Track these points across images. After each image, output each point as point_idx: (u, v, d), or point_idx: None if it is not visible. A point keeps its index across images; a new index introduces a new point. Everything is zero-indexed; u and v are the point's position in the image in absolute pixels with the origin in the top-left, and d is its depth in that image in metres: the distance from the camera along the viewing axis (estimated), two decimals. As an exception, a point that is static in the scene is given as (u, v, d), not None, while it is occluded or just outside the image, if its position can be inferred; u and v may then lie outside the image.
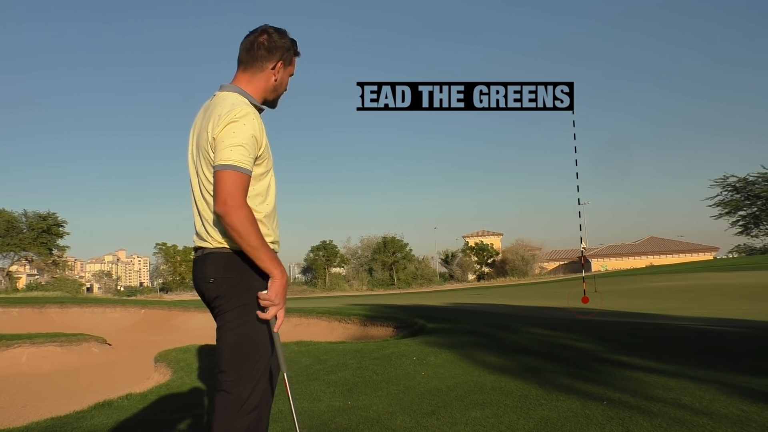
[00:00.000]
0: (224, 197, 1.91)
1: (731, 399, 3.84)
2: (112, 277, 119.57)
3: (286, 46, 2.22)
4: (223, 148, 1.95)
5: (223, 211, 1.92)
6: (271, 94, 2.26)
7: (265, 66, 2.18)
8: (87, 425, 4.36)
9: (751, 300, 17.07)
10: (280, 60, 2.20)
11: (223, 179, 1.93)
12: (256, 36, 2.19)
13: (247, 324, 2.03)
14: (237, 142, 1.96)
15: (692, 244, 78.02)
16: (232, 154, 1.94)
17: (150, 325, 18.18)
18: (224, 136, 1.97)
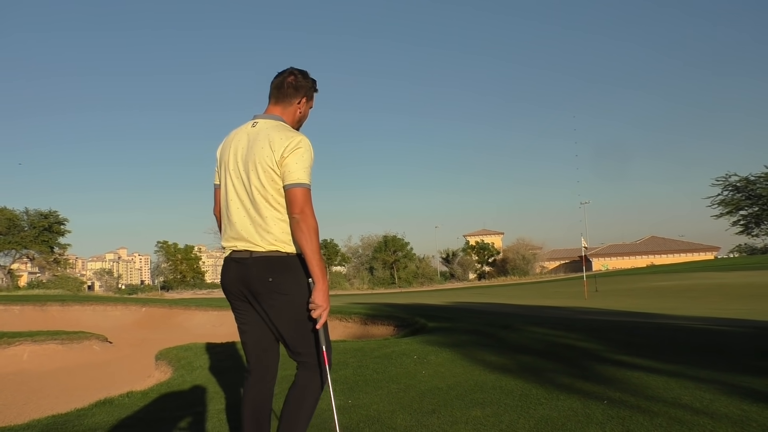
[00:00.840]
0: (301, 206, 2.38)
1: (732, 399, 3.85)
2: (114, 275, 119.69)
3: (309, 85, 2.71)
4: (296, 169, 2.41)
5: (300, 217, 2.37)
6: (296, 124, 2.72)
7: (293, 101, 2.66)
8: (88, 423, 4.37)
9: (752, 300, 17.06)
10: (304, 96, 2.69)
11: (300, 194, 2.39)
12: (285, 77, 2.66)
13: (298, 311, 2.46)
14: (306, 165, 2.44)
15: (693, 243, 77.98)
16: (304, 175, 2.42)
17: (151, 323, 18.20)
18: (296, 159, 2.42)
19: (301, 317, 2.47)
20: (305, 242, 2.37)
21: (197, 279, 78.09)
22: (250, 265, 2.48)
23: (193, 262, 79.45)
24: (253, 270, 2.47)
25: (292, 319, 2.49)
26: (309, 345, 2.51)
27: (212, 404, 4.76)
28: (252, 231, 2.49)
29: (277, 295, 2.45)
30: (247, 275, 2.49)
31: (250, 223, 2.50)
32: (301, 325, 2.49)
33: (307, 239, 2.37)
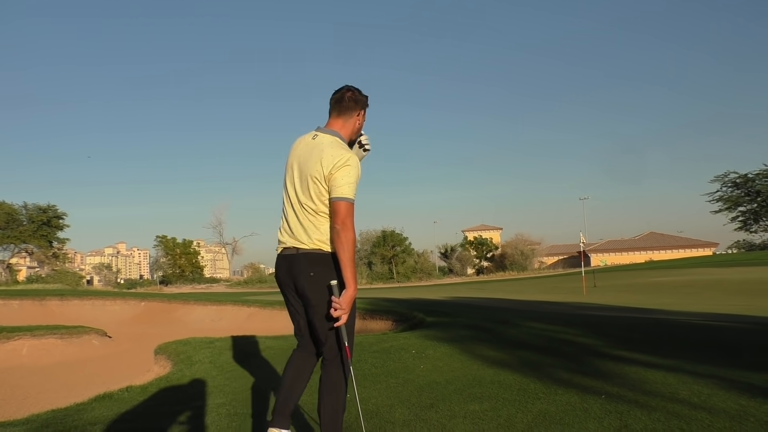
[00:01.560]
0: (343, 219, 2.71)
1: (729, 394, 3.86)
2: (112, 270, 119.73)
3: (364, 99, 3.01)
4: (342, 184, 2.72)
5: (341, 228, 2.71)
6: (355, 136, 3.04)
7: (353, 114, 2.96)
8: (87, 417, 4.38)
9: (750, 295, 17.10)
10: (362, 109, 3.00)
11: (343, 207, 2.72)
12: (344, 92, 2.95)
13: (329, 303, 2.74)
14: (351, 181, 2.74)
15: (692, 239, 78.05)
16: (348, 190, 2.73)
17: (150, 318, 18.20)
18: (342, 175, 2.73)
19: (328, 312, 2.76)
20: (342, 251, 2.70)
21: (196, 273, 78.13)
22: (296, 259, 2.85)
23: (192, 256, 79.49)
24: (298, 264, 2.85)
25: (322, 312, 2.80)
26: (331, 339, 2.84)
27: (211, 398, 4.77)
28: (300, 231, 2.86)
29: (315, 286, 2.80)
30: (293, 269, 2.87)
31: (299, 224, 2.86)
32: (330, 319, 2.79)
33: (344, 248, 2.70)
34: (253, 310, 16.34)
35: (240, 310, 16.72)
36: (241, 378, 5.58)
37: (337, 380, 2.84)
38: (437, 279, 55.71)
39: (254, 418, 3.99)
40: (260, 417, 4.00)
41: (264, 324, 14.19)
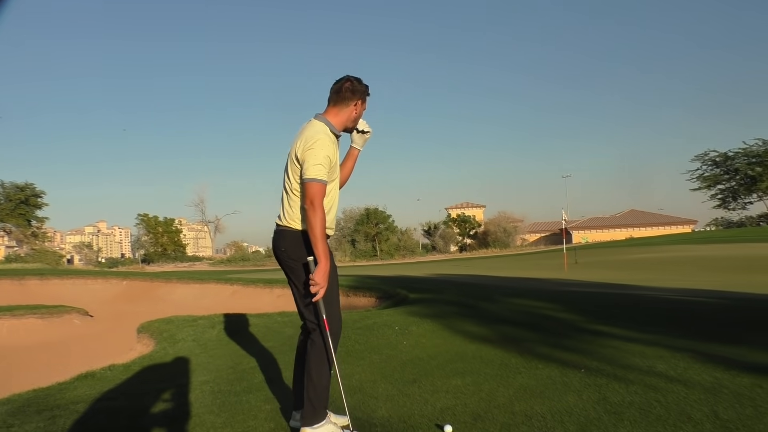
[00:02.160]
0: (311, 198, 2.86)
1: (705, 367, 3.95)
2: (93, 249, 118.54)
3: (363, 89, 3.11)
4: (309, 166, 2.88)
5: (308, 209, 2.86)
6: (352, 124, 3.16)
7: (349, 104, 3.08)
8: (70, 396, 4.37)
9: (727, 272, 17.43)
10: (360, 99, 3.10)
11: (309, 187, 2.87)
12: (342, 83, 3.07)
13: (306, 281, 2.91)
14: (318, 162, 2.88)
15: (671, 217, 79.08)
16: (315, 171, 2.87)
17: (132, 297, 18.08)
18: (309, 156, 2.89)
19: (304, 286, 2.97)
20: (310, 229, 2.87)
21: (178, 252, 77.56)
22: (276, 236, 3.11)
23: (174, 235, 78.83)
24: (276, 240, 3.10)
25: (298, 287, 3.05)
26: (310, 312, 3.01)
27: (195, 376, 4.77)
28: (282, 209, 3.09)
29: (289, 262, 3.04)
30: (274, 245, 3.12)
31: (281, 203, 3.09)
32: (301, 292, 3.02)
33: (311, 227, 2.86)
34: (237, 288, 16.29)
35: (223, 289, 16.66)
36: (225, 356, 5.59)
37: (320, 352, 2.98)
38: (420, 256, 55.93)
39: (238, 395, 4.01)
40: (244, 394, 4.02)
41: (247, 302, 14.17)
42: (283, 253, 3.06)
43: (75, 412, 3.78)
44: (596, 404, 3.26)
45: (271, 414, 3.48)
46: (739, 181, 60.54)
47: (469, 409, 3.33)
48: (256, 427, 3.22)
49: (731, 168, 60.75)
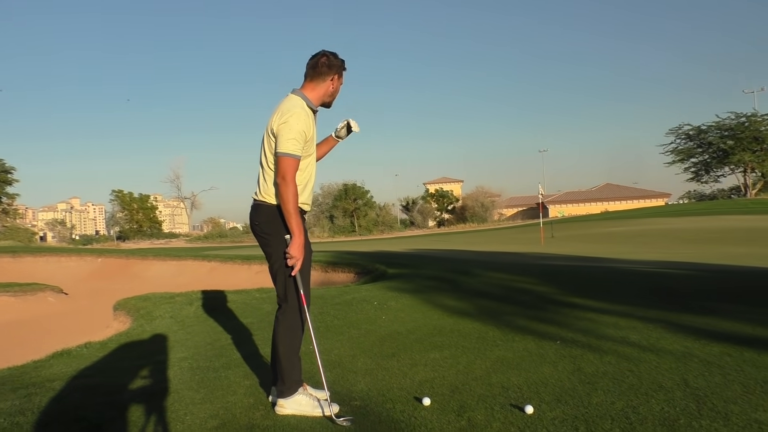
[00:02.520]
0: (282, 173, 2.87)
1: (676, 336, 4.05)
2: (67, 226, 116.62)
3: (339, 63, 3.09)
4: (282, 140, 2.87)
5: (280, 183, 2.87)
6: (329, 98, 3.14)
7: (326, 78, 3.06)
8: (45, 374, 4.32)
9: (699, 244, 17.79)
10: (336, 73, 3.09)
11: (281, 162, 2.87)
12: (318, 57, 3.06)
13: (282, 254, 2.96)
14: (291, 136, 2.87)
15: (646, 190, 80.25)
16: (288, 145, 2.86)
17: (107, 274, 17.89)
18: (283, 130, 2.88)
19: (276, 260, 3.02)
20: (283, 204, 2.89)
21: (154, 229, 76.78)
22: (251, 210, 3.12)
23: (149, 211, 77.93)
24: (251, 215, 3.11)
25: (271, 261, 3.06)
26: (281, 287, 3.05)
27: (173, 353, 4.75)
28: (258, 184, 3.09)
29: (262, 237, 3.05)
30: (251, 218, 3.12)
31: (257, 178, 3.10)
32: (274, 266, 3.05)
33: (284, 201, 2.88)
34: (214, 264, 16.21)
35: (201, 265, 16.56)
36: (203, 332, 5.57)
37: (290, 323, 3.04)
38: (399, 231, 56.08)
39: (217, 371, 4.00)
40: (223, 370, 4.02)
41: (225, 278, 14.12)
42: (257, 227, 3.07)
43: (51, 389, 3.74)
44: (571, 375, 3.33)
45: (250, 389, 3.49)
46: (711, 154, 61.47)
47: (447, 381, 3.38)
48: (235, 403, 3.23)
49: (704, 141, 61.62)
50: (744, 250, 14.39)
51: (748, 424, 2.47)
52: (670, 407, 2.72)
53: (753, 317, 4.55)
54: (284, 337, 3.03)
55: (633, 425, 2.54)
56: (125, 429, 2.96)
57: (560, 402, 2.89)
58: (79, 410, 3.22)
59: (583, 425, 2.58)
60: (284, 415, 2.98)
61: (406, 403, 3.03)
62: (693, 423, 2.52)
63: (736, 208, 39.95)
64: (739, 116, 58.35)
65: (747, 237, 19.55)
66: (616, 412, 2.71)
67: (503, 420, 2.71)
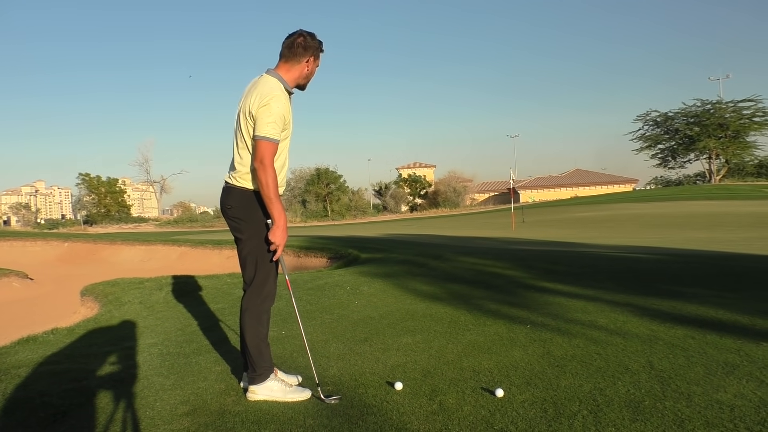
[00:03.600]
0: (260, 158, 2.79)
1: (642, 320, 4.15)
2: (31, 210, 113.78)
3: (316, 45, 3.00)
4: (261, 124, 2.80)
5: (258, 168, 2.80)
6: (303, 80, 3.05)
7: (301, 60, 2.97)
8: (11, 361, 4.23)
9: (665, 228, 18.20)
10: (312, 55, 3.00)
11: (260, 146, 2.80)
12: (295, 38, 2.96)
13: (255, 239, 2.96)
14: (270, 120, 2.80)
15: (614, 176, 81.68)
16: (267, 129, 2.80)
17: (74, 259, 17.56)
18: (262, 113, 2.80)
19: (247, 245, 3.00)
20: (262, 189, 2.83)
21: (123, 213, 75.45)
22: (224, 193, 3.05)
23: (117, 195, 76.51)
24: (223, 198, 3.04)
25: (242, 248, 3.03)
26: (249, 273, 3.03)
27: (142, 339, 4.70)
28: (231, 166, 3.01)
29: (234, 221, 3.01)
30: (222, 202, 3.06)
31: (232, 160, 3.01)
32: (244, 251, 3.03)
33: (263, 186, 2.82)
34: (184, 249, 16.02)
35: (170, 250, 16.35)
36: (173, 318, 5.51)
37: (256, 310, 3.02)
38: (372, 216, 56.11)
39: (187, 357, 3.97)
40: (193, 356, 3.98)
41: (196, 263, 13.97)
42: (229, 211, 3.01)
43: (17, 376, 3.67)
44: (541, 358, 3.38)
45: (221, 375, 3.47)
46: (678, 140, 62.74)
47: (419, 366, 3.40)
48: (206, 389, 3.20)
49: (671, 128, 62.83)
50: (707, 235, 14.77)
51: (710, 405, 2.54)
52: (636, 389, 2.78)
53: (716, 301, 4.67)
54: (251, 324, 3.01)
55: (600, 407, 2.59)
56: (93, 415, 2.92)
57: (530, 385, 2.94)
58: (45, 397, 3.16)
59: (551, 407, 2.63)
60: (255, 400, 2.97)
61: (378, 388, 3.05)
62: (657, 404, 2.58)
63: (701, 193, 40.93)
64: (704, 103, 59.63)
65: (710, 222, 20.06)
66: (584, 394, 2.76)
67: (474, 403, 2.74)
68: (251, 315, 3.01)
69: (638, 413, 2.50)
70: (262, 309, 3.03)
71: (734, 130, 57.18)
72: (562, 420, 2.48)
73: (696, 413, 2.46)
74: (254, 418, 2.73)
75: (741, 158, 60.42)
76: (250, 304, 3.02)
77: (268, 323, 3.10)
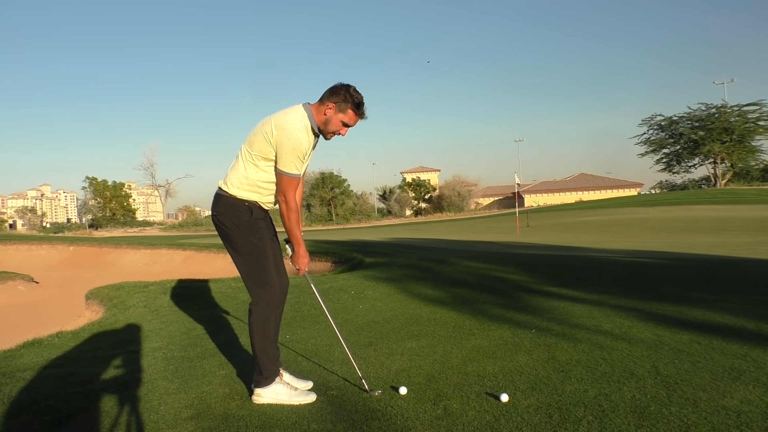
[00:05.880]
0: (283, 192, 2.94)
1: (647, 325, 4.13)
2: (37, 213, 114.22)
3: (344, 98, 2.92)
4: (286, 159, 2.88)
5: (281, 200, 2.96)
6: (323, 126, 2.99)
7: (325, 102, 2.95)
8: (16, 364, 4.24)
9: (670, 233, 18.13)
10: (335, 104, 2.93)
11: (283, 181, 2.92)
12: (338, 84, 2.96)
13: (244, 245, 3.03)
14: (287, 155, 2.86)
15: (619, 180, 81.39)
16: (286, 164, 2.88)
17: (79, 263, 17.60)
18: (282, 147, 2.86)
19: (237, 252, 3.06)
20: (284, 220, 3.03)
21: (128, 217, 75.63)
22: (214, 199, 3.12)
23: (123, 199, 76.71)
24: (213, 203, 3.12)
25: (233, 253, 3.09)
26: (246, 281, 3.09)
27: (147, 342, 4.70)
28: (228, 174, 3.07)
29: (221, 228, 3.08)
30: (212, 207, 3.13)
31: (233, 166, 3.06)
32: (236, 258, 3.09)
33: (284, 218, 3.01)
34: (189, 253, 16.04)
35: (175, 254, 16.38)
36: (178, 322, 5.51)
37: (261, 315, 3.05)
38: (376, 220, 56.06)
39: (192, 361, 3.97)
40: (198, 360, 3.99)
41: (200, 267, 13.99)
42: (215, 218, 3.08)
43: (22, 379, 3.67)
44: (546, 363, 3.37)
45: (225, 379, 3.47)
46: (683, 144, 62.50)
47: (423, 370, 3.39)
48: (210, 393, 3.20)
49: (676, 132, 62.61)
50: (713, 239, 14.70)
51: (716, 411, 2.53)
52: (641, 394, 2.77)
53: (722, 306, 4.65)
54: (255, 326, 3.04)
55: (605, 412, 2.58)
56: (97, 419, 2.92)
57: (535, 390, 2.93)
58: (49, 400, 3.16)
59: (556, 413, 2.61)
60: (260, 404, 2.97)
61: (382, 392, 3.04)
62: (663, 410, 2.57)
63: (706, 198, 40.75)
64: (709, 107, 59.39)
65: (716, 226, 19.98)
66: (589, 399, 2.75)
67: (479, 408, 2.73)
68: (254, 317, 3.04)
69: (644, 419, 2.48)
70: (266, 312, 3.04)
71: (739, 134, 56.91)
72: (567, 425, 2.47)
73: (702, 419, 2.44)
74: (259, 422, 2.73)
75: (746, 162, 60.13)
76: (252, 306, 3.06)
77: (275, 326, 3.10)
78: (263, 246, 3.06)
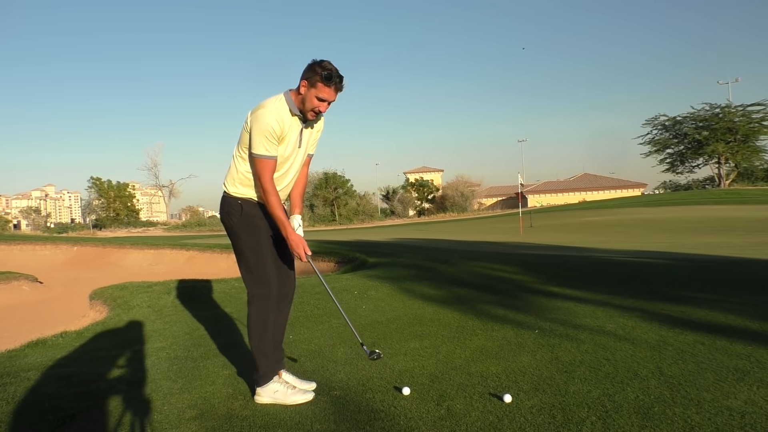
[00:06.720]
0: (258, 174, 2.90)
1: (651, 325, 4.12)
2: (41, 214, 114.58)
3: (314, 72, 2.82)
4: (252, 140, 2.87)
5: (257, 183, 2.94)
6: (301, 105, 2.91)
7: (300, 82, 2.88)
8: (20, 364, 4.26)
9: (674, 233, 18.08)
10: (306, 80, 2.84)
11: (254, 163, 2.91)
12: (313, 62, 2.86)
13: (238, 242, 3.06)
14: (256, 137, 2.84)
15: (622, 180, 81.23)
16: (255, 146, 2.86)
17: (83, 263, 17.65)
18: (252, 130, 2.86)
19: (234, 250, 3.11)
20: (264, 202, 2.95)
21: (132, 217, 75.84)
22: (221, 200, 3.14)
23: (126, 199, 76.94)
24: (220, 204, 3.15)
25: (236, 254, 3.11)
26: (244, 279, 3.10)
27: (150, 342, 4.71)
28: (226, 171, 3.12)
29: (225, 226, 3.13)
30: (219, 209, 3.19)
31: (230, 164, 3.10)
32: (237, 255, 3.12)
33: (265, 203, 2.94)
34: (193, 253, 16.09)
35: (179, 254, 16.43)
36: (181, 322, 5.52)
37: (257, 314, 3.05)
38: (379, 221, 56.07)
39: (195, 361, 3.98)
40: (201, 360, 3.99)
41: (204, 267, 14.03)
42: (220, 215, 3.15)
43: (26, 379, 3.69)
44: (549, 363, 3.37)
45: (229, 379, 3.47)
46: (687, 145, 62.35)
47: (426, 371, 3.39)
48: (214, 393, 3.21)
49: (680, 132, 62.45)
50: (717, 240, 14.66)
51: (720, 411, 2.52)
52: (645, 395, 2.77)
53: (726, 306, 4.64)
54: (251, 325, 3.06)
55: (609, 413, 2.57)
56: (101, 419, 2.93)
57: (538, 391, 2.92)
58: (54, 400, 3.18)
59: (560, 413, 2.61)
60: (263, 404, 2.98)
61: (385, 393, 3.04)
62: (667, 411, 2.56)
63: (710, 198, 40.66)
64: (713, 107, 59.23)
65: (720, 227, 19.92)
66: (593, 400, 2.75)
67: (482, 409, 2.73)
68: (250, 316, 3.06)
69: (647, 419, 2.48)
70: (261, 312, 3.04)
71: (743, 135, 56.74)
72: (570, 426, 2.47)
73: (706, 420, 2.44)
74: (262, 423, 2.73)
75: (750, 162, 59.97)
76: (251, 307, 3.07)
77: (275, 327, 3.10)
78: (257, 244, 3.03)
